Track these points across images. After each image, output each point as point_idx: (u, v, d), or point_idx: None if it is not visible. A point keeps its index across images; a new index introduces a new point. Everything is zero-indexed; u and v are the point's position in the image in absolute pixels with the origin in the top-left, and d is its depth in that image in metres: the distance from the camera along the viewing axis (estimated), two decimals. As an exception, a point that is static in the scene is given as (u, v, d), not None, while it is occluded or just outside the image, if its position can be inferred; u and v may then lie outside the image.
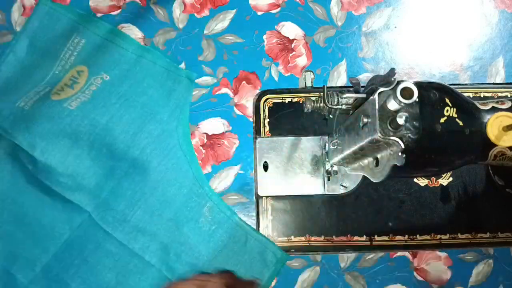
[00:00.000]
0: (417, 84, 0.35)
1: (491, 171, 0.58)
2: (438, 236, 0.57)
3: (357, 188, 0.58)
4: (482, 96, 0.60)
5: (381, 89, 0.37)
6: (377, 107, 0.37)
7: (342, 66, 0.63)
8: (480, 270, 0.59)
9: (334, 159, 0.53)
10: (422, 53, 0.63)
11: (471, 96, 0.60)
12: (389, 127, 0.36)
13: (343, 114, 0.47)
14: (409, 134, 0.36)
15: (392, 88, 0.37)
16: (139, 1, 0.65)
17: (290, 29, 0.64)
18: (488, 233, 0.57)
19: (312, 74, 0.58)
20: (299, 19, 0.64)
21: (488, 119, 0.42)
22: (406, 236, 0.57)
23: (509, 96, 0.60)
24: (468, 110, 0.41)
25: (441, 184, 0.58)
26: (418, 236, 0.57)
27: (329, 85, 0.62)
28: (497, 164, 0.45)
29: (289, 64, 0.63)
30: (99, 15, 0.65)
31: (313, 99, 0.49)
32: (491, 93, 0.60)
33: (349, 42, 0.63)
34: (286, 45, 0.63)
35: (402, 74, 0.63)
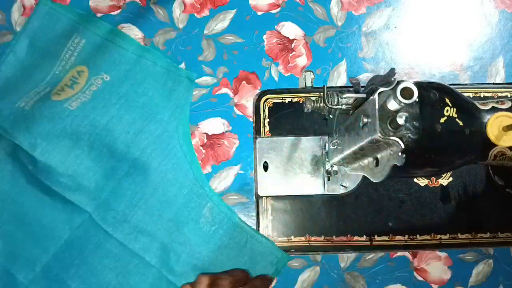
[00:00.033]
0: (417, 84, 0.35)
1: (491, 171, 0.58)
2: (438, 236, 0.57)
3: (357, 188, 0.58)
4: (482, 96, 0.60)
5: (381, 89, 0.37)
6: (377, 107, 0.37)
7: (342, 66, 0.63)
8: (480, 270, 0.59)
9: (334, 159, 0.53)
10: (422, 53, 0.63)
11: (471, 96, 0.60)
12: (389, 127, 0.36)
13: (343, 114, 0.47)
14: (409, 134, 0.36)
15: (392, 88, 0.37)
16: (139, 1, 0.65)
17: (290, 29, 0.64)
18: (488, 233, 0.57)
19: (312, 74, 0.58)
20: (299, 19, 0.64)
21: (488, 119, 0.42)
22: (406, 236, 0.57)
23: (509, 96, 0.60)
24: (468, 110, 0.41)
25: (441, 184, 0.58)
26: (418, 236, 0.57)
27: (329, 85, 0.62)
28: (497, 164, 0.45)
29: (289, 64, 0.63)
30: (99, 15, 0.65)
31: (313, 99, 0.49)
32: (491, 93, 0.60)
33: (349, 42, 0.63)
34: (286, 45, 0.63)
35: (402, 74, 0.63)
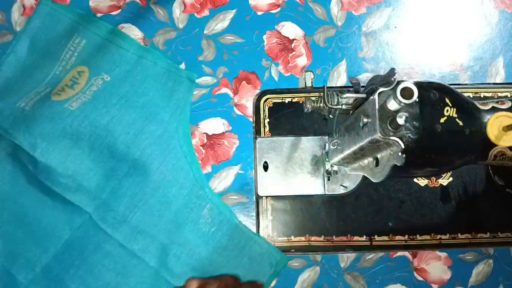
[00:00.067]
0: (417, 84, 0.35)
1: (491, 171, 0.58)
2: (438, 236, 0.57)
3: (357, 188, 0.58)
4: (482, 96, 0.60)
5: (381, 89, 0.37)
6: (377, 107, 0.37)
7: (342, 66, 0.63)
8: (480, 270, 0.59)
9: (334, 159, 0.53)
10: (422, 53, 0.63)
11: (471, 96, 0.60)
12: (389, 127, 0.36)
13: (343, 114, 0.47)
14: (409, 134, 0.36)
15: (392, 88, 0.37)
16: (139, 1, 0.65)
17: (290, 29, 0.64)
18: (488, 233, 0.57)
19: (312, 74, 0.58)
20: (299, 19, 0.64)
21: (488, 119, 0.42)
22: (406, 236, 0.57)
23: (509, 96, 0.60)
24: (468, 110, 0.41)
25: (441, 184, 0.58)
26: (418, 236, 0.57)
27: (329, 85, 0.62)
28: (497, 164, 0.45)
29: (289, 64, 0.63)
30: (99, 15, 0.65)
31: (313, 99, 0.49)
32: (491, 93, 0.60)
33: (349, 42, 0.63)
34: (286, 45, 0.63)
35: (402, 74, 0.63)
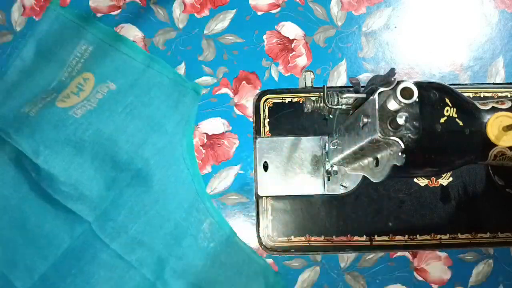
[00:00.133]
0: (417, 84, 0.35)
1: (491, 171, 0.58)
2: (438, 236, 0.57)
3: (357, 188, 0.58)
4: (482, 96, 0.60)
5: (381, 89, 0.37)
6: (377, 107, 0.37)
7: (342, 66, 0.63)
8: (480, 270, 0.59)
9: (334, 159, 0.53)
10: (422, 53, 0.63)
11: (471, 96, 0.60)
12: (389, 127, 0.36)
13: (343, 114, 0.47)
14: (409, 134, 0.36)
15: (392, 88, 0.37)
16: (139, 1, 0.65)
17: (290, 29, 0.64)
18: (488, 233, 0.57)
19: (312, 74, 0.58)
20: (299, 19, 0.64)
21: (488, 119, 0.42)
22: (406, 236, 0.57)
23: (509, 96, 0.60)
24: (468, 110, 0.41)
25: (441, 184, 0.58)
26: (418, 236, 0.57)
27: (329, 85, 0.62)
28: (497, 164, 0.44)
29: (289, 64, 0.63)
30: (99, 15, 0.65)
31: (313, 99, 0.48)
32: (491, 93, 0.60)
33: (349, 42, 0.63)
34: (286, 45, 0.63)
35: (402, 74, 0.63)
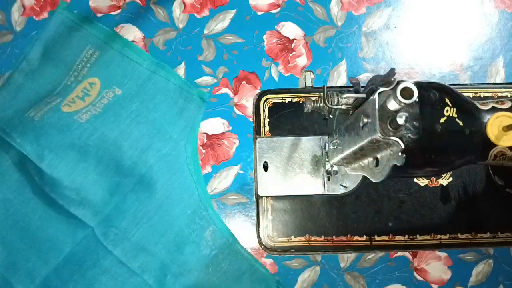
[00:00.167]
0: (417, 84, 0.35)
1: (491, 171, 0.58)
2: (438, 236, 0.57)
3: (357, 188, 0.58)
4: (482, 96, 0.60)
5: (381, 89, 0.37)
6: (377, 107, 0.37)
7: (342, 66, 0.63)
8: (480, 270, 0.59)
9: (334, 159, 0.53)
10: (422, 53, 0.63)
11: (471, 96, 0.60)
12: (389, 127, 0.36)
13: (343, 114, 0.47)
14: (409, 134, 0.36)
15: (392, 88, 0.37)
16: (139, 1, 0.65)
17: (290, 29, 0.64)
18: (488, 233, 0.57)
19: (312, 74, 0.58)
20: (299, 19, 0.64)
21: (488, 119, 0.42)
22: (406, 236, 0.57)
23: (509, 96, 0.60)
24: (468, 110, 0.41)
25: (441, 184, 0.58)
26: (418, 236, 0.57)
27: (329, 85, 0.62)
28: (497, 164, 0.44)
29: (289, 64, 0.63)
30: (99, 15, 0.65)
31: (313, 99, 0.48)
32: (491, 93, 0.60)
33: (349, 42, 0.63)
34: (286, 45, 0.63)
35: (402, 74, 0.63)
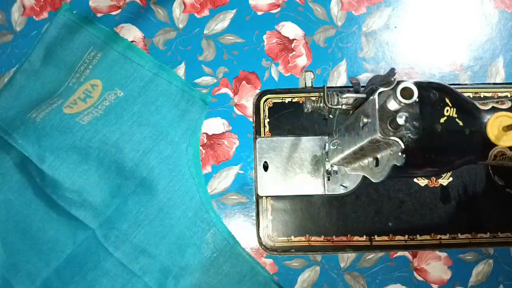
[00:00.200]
0: (417, 84, 0.35)
1: (491, 171, 0.58)
2: (438, 236, 0.57)
3: (357, 188, 0.58)
4: (482, 96, 0.60)
5: (381, 89, 0.37)
6: (377, 107, 0.37)
7: (342, 66, 0.63)
8: (480, 270, 0.59)
9: (334, 159, 0.53)
10: (422, 53, 0.63)
11: (471, 96, 0.60)
12: (389, 127, 0.36)
13: (343, 114, 0.47)
14: (409, 134, 0.36)
15: (392, 88, 0.37)
16: (139, 1, 0.65)
17: (290, 29, 0.64)
18: (488, 233, 0.57)
19: (312, 74, 0.58)
20: (299, 19, 0.64)
21: (488, 119, 0.42)
22: (406, 236, 0.57)
23: (509, 96, 0.60)
24: (468, 110, 0.41)
25: (441, 184, 0.58)
26: (418, 236, 0.57)
27: (329, 85, 0.62)
28: (497, 164, 0.44)
29: (289, 64, 0.63)
30: (99, 15, 0.65)
31: (313, 99, 0.48)
32: (491, 93, 0.60)
33: (349, 42, 0.63)
34: (286, 45, 0.63)
35: (402, 74, 0.63)
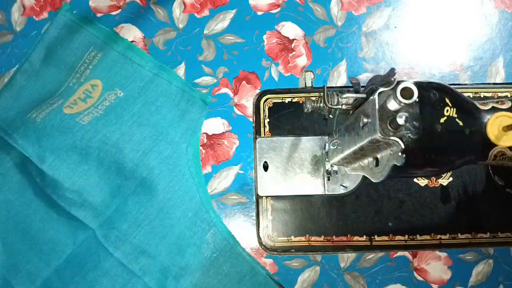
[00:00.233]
0: (417, 84, 0.35)
1: (491, 171, 0.58)
2: (438, 236, 0.57)
3: (357, 188, 0.58)
4: (482, 96, 0.60)
5: (381, 89, 0.37)
6: (377, 107, 0.37)
7: (342, 66, 0.63)
8: (480, 270, 0.59)
9: (334, 159, 0.53)
10: (422, 53, 0.63)
11: (471, 96, 0.60)
12: (389, 127, 0.36)
13: (343, 114, 0.47)
14: (409, 134, 0.36)
15: (392, 88, 0.37)
16: (139, 1, 0.65)
17: (290, 29, 0.64)
18: (488, 233, 0.57)
19: (312, 74, 0.58)
20: (299, 19, 0.64)
21: (488, 119, 0.42)
22: (406, 236, 0.57)
23: (509, 96, 0.60)
24: (468, 110, 0.41)
25: (441, 184, 0.58)
26: (418, 236, 0.57)
27: (329, 85, 0.62)
28: (497, 164, 0.44)
29: (289, 64, 0.63)
30: (99, 15, 0.65)
31: (313, 99, 0.48)
32: (491, 93, 0.60)
33: (349, 42, 0.63)
34: (286, 45, 0.63)
35: (402, 74, 0.63)
